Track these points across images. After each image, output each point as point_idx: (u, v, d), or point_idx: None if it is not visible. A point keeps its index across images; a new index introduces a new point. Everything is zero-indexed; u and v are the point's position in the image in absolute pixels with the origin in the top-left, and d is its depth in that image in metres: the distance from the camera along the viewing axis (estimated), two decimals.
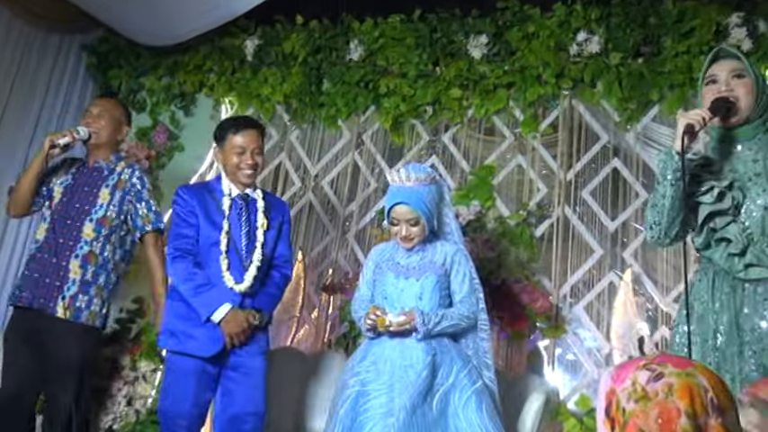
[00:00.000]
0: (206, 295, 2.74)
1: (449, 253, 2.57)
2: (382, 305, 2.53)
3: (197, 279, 2.75)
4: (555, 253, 3.92)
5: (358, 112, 4.59)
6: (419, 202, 2.49)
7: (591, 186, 4.00)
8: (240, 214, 2.85)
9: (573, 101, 4.15)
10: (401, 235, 2.51)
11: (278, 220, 2.93)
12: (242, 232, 2.82)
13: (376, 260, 2.66)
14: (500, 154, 4.24)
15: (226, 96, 4.91)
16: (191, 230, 2.83)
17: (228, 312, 2.71)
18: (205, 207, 2.85)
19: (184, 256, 2.79)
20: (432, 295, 2.49)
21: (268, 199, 2.97)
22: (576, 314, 3.82)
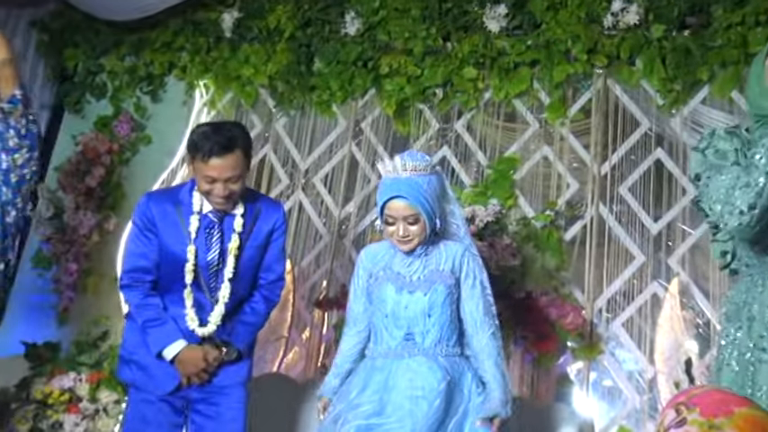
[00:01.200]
0: (157, 330, 2.70)
1: (456, 255, 2.52)
2: (383, 324, 2.50)
3: (147, 312, 2.73)
4: (588, 260, 3.88)
5: (355, 96, 4.55)
6: (418, 196, 2.42)
7: (630, 181, 3.97)
8: (209, 236, 2.75)
9: (608, 81, 4.12)
10: (398, 236, 2.45)
11: (264, 231, 2.82)
12: (208, 259, 2.73)
13: (369, 268, 2.60)
14: (523, 144, 4.21)
15: (200, 79, 4.89)
16: (147, 250, 2.76)
17: (182, 351, 2.70)
18: (167, 223, 2.76)
19: (134, 286, 2.77)
20: (442, 311, 2.45)
21: (257, 207, 2.83)
22: (613, 332, 3.79)
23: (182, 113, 4.91)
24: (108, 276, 4.69)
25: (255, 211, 2.84)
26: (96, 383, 3.99)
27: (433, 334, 2.45)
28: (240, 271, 2.78)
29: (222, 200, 2.72)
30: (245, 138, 2.75)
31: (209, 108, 4.90)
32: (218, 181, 2.66)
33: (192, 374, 2.70)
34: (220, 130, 2.69)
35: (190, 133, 2.80)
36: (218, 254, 2.75)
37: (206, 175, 2.67)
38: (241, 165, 2.69)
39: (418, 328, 2.46)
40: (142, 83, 5.04)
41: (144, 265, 2.77)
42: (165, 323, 2.72)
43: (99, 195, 4.82)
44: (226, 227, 2.77)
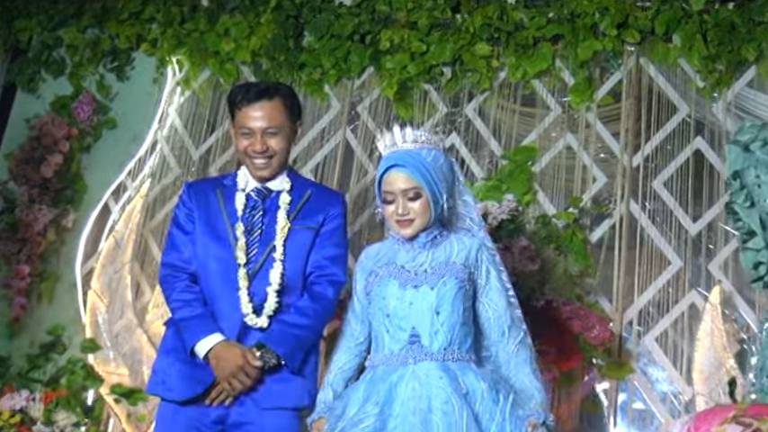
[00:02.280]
0: (192, 321, 2.68)
1: (471, 248, 2.49)
2: (384, 327, 2.48)
3: (183, 303, 2.72)
4: (617, 265, 3.88)
5: (351, 76, 4.54)
6: (419, 166, 2.40)
7: (665, 175, 3.98)
8: (252, 216, 2.77)
9: (641, 60, 4.12)
10: (396, 215, 2.43)
11: (317, 220, 2.80)
12: (248, 241, 2.73)
13: (369, 266, 2.57)
14: (543, 131, 4.21)
15: (173, 54, 4.86)
16: (185, 242, 2.81)
17: (218, 344, 2.63)
18: (207, 210, 2.80)
19: (171, 279, 2.79)
20: (453, 308, 2.40)
21: (307, 189, 2.84)
22: (645, 347, 3.78)
23: (151, 93, 4.88)
24: (66, 280, 4.67)
25: (306, 191, 2.84)
26: (52, 403, 3.97)
27: (442, 335, 2.39)
28: (287, 255, 2.74)
29: (261, 159, 2.74)
30: (291, 93, 2.83)
31: (182, 87, 4.88)
32: (254, 133, 2.72)
33: (230, 377, 2.60)
34: (257, 82, 2.78)
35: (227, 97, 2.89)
36: (259, 235, 2.75)
37: (242, 126, 2.75)
38: (282, 116, 2.75)
39: (425, 329, 2.40)
40: (106, 58, 5.01)
41: (182, 256, 2.80)
42: (201, 316, 2.69)
43: (56, 187, 4.79)
44: (269, 205, 2.80)
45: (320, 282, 2.76)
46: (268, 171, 2.79)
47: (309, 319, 2.70)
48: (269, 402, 2.65)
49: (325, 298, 2.74)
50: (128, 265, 4.54)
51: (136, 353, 4.35)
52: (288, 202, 2.78)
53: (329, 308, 2.76)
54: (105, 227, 4.75)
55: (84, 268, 4.69)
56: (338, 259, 2.80)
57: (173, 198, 4.62)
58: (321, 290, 2.75)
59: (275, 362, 2.63)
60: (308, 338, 2.70)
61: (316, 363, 2.76)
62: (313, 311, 2.71)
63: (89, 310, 4.54)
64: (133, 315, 4.44)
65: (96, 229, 4.76)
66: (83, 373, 4.25)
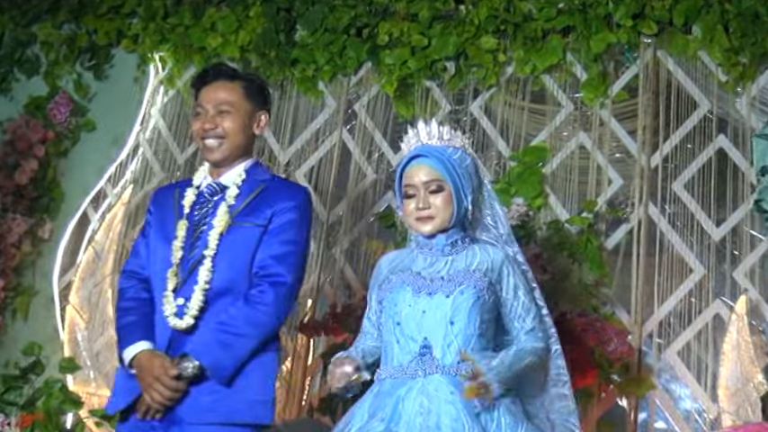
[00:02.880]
0: (127, 329, 2.72)
1: (495, 258, 2.48)
2: (395, 337, 2.48)
3: (125, 311, 2.77)
4: (635, 273, 3.88)
5: (347, 72, 4.55)
6: (444, 160, 2.43)
7: (686, 176, 3.98)
8: (200, 213, 2.78)
9: (658, 53, 4.12)
10: (416, 208, 2.44)
11: (265, 210, 2.76)
12: (191, 240, 2.74)
13: (384, 274, 2.57)
14: (554, 130, 4.21)
15: (155, 51, 4.88)
16: (143, 246, 2.87)
17: (140, 354, 2.64)
18: (162, 212, 2.85)
19: (128, 282, 2.84)
20: (468, 319, 2.38)
21: (263, 182, 2.82)
22: (667, 362, 3.78)
23: (132, 93, 4.90)
24: (43, 295, 4.68)
25: (259, 185, 2.81)
26: (29, 428, 3.97)
27: (455, 347, 2.37)
28: (225, 253, 2.71)
29: (211, 139, 2.76)
30: (257, 82, 2.90)
31: (166, 86, 4.90)
32: (206, 111, 2.77)
33: (148, 388, 2.59)
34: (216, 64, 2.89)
35: None
36: (202, 233, 2.74)
37: (197, 106, 2.81)
38: (238, 97, 2.79)
39: (437, 340, 2.39)
40: (83, 56, 5.03)
41: (140, 261, 2.84)
42: (133, 324, 2.72)
43: (31, 195, 4.80)
44: (217, 202, 2.78)
45: (260, 283, 2.69)
46: (219, 153, 2.78)
47: (241, 325, 2.64)
48: (195, 417, 2.61)
49: (261, 301, 2.66)
50: (109, 277, 4.56)
51: None
52: (234, 195, 2.76)
53: (270, 312, 2.67)
54: (84, 237, 4.77)
55: (62, 282, 4.70)
56: (285, 258, 2.72)
57: None
58: (258, 293, 2.68)
59: (196, 372, 2.59)
60: (239, 347, 2.63)
61: (265, 375, 2.70)
62: (245, 317, 2.65)
63: (67, 326, 4.55)
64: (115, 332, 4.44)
65: (75, 240, 4.77)
66: (61, 395, 4.24)
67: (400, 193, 2.51)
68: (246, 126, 2.80)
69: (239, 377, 2.64)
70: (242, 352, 2.64)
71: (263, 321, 2.67)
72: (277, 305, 2.68)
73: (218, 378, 2.60)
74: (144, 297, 2.78)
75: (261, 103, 2.85)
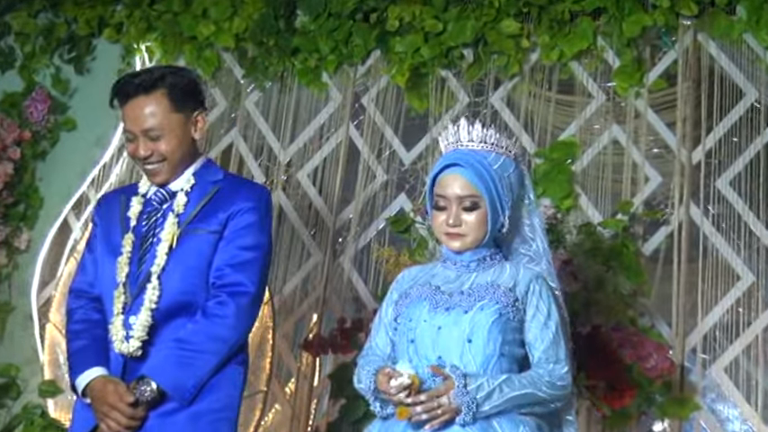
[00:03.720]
0: (79, 354, 2.75)
1: (524, 276, 2.46)
2: (407, 356, 2.44)
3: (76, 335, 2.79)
4: (676, 281, 3.88)
5: (353, 62, 4.56)
6: (482, 172, 2.39)
7: (732, 172, 3.97)
8: (148, 224, 2.79)
9: (699, 36, 4.12)
10: (446, 223, 2.43)
11: (219, 215, 2.78)
12: (139, 254, 2.76)
13: (403, 289, 2.56)
14: (584, 123, 4.21)
15: (141, 41, 4.90)
16: (90, 262, 2.89)
17: (94, 381, 2.68)
18: (108, 223, 2.87)
19: (77, 302, 2.87)
20: (488, 337, 2.37)
21: (216, 185, 2.84)
22: (713, 379, 3.77)
23: None
24: (20, 312, 4.69)
25: (212, 188, 2.83)
26: None
27: (473, 369, 2.37)
28: (176, 267, 2.73)
29: (148, 165, 2.76)
30: (179, 78, 2.79)
31: None
32: (137, 137, 2.73)
33: (103, 416, 2.62)
34: (146, 69, 2.82)
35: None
36: (149, 244, 2.76)
37: (125, 129, 2.78)
38: (165, 112, 2.72)
39: (453, 359, 2.38)
40: (62, 47, 5.05)
41: (87, 278, 2.86)
42: (84, 348, 2.75)
43: (6, 201, 4.82)
44: (166, 210, 2.79)
45: (218, 294, 2.72)
46: (162, 176, 2.79)
47: (202, 340, 2.67)
48: None
49: (221, 314, 2.69)
50: None
51: None
52: (183, 203, 2.78)
53: (230, 325, 2.70)
54: (66, 247, 4.78)
55: (42, 297, 4.71)
56: (245, 265, 2.74)
57: None
58: (217, 304, 2.70)
59: (155, 395, 2.62)
60: (200, 365, 2.67)
61: (229, 391, 2.74)
62: (204, 332, 2.67)
63: (48, 346, 4.55)
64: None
65: (55, 250, 4.79)
66: (42, 421, 4.26)
67: (431, 200, 2.49)
68: (184, 139, 2.78)
69: (201, 394, 2.67)
70: (203, 370, 2.68)
71: (225, 335, 2.70)
72: (239, 317, 2.71)
73: (178, 399, 2.64)
74: (95, 318, 2.81)
75: (192, 105, 2.80)
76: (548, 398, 2.40)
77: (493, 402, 2.32)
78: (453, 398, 2.28)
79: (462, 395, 2.28)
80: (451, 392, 2.28)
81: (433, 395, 2.29)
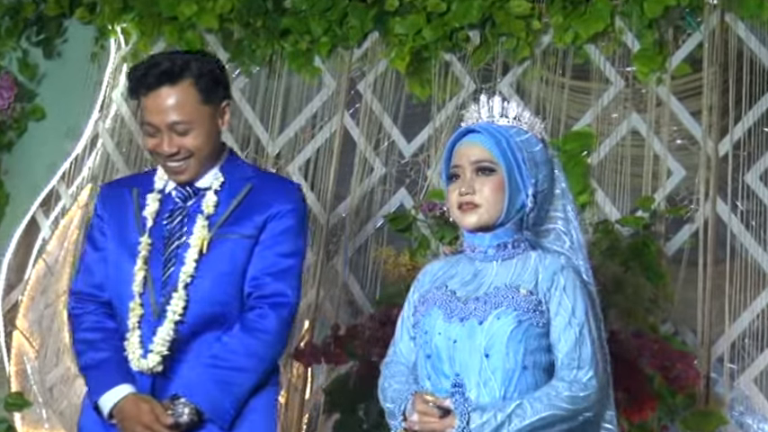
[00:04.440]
0: (98, 370, 2.69)
1: (548, 269, 2.40)
2: (425, 372, 2.42)
3: (89, 346, 2.74)
4: (701, 284, 3.89)
5: (349, 45, 4.57)
6: (500, 139, 2.38)
7: (762, 165, 3.98)
8: (169, 223, 2.75)
9: (726, 17, 4.12)
10: (459, 192, 2.39)
11: (255, 217, 2.75)
12: (163, 257, 2.72)
13: (424, 287, 2.55)
14: (601, 112, 4.22)
15: (117, 22, 4.90)
16: (96, 262, 2.83)
17: (123, 400, 2.64)
18: (120, 219, 2.81)
19: (83, 306, 2.81)
20: (508, 350, 2.33)
21: (248, 182, 2.80)
22: (741, 391, 3.79)
23: (89, 74, 4.93)
24: None
25: (244, 187, 2.79)
26: None
27: (494, 386, 2.35)
28: (207, 275, 2.70)
29: (173, 162, 2.70)
30: (205, 65, 2.73)
31: (130, 65, 4.87)
32: (159, 130, 2.66)
33: None
34: (167, 55, 2.73)
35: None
36: (177, 249, 2.73)
37: (144, 122, 2.71)
38: (194, 103, 2.67)
39: (472, 376, 2.36)
40: (29, 29, 5.05)
41: (93, 280, 2.81)
42: (106, 362, 2.70)
43: None
44: (193, 209, 2.75)
45: (259, 306, 2.70)
46: (188, 174, 2.74)
47: (240, 357, 2.66)
48: None
49: (262, 328, 2.68)
50: (64, 296, 4.55)
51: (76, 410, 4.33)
52: (213, 204, 2.73)
53: (272, 340, 2.70)
54: (33, 247, 4.78)
55: (7, 302, 4.71)
56: (286, 273, 2.73)
57: None
58: (257, 317, 2.69)
59: (194, 417, 2.60)
60: (239, 383, 2.66)
61: (267, 416, 2.73)
62: (244, 348, 2.66)
63: (14, 355, 4.56)
64: (72, 362, 4.44)
65: (22, 252, 4.79)
66: None
67: (447, 177, 2.47)
68: (212, 132, 2.73)
69: (240, 420, 2.66)
70: (242, 389, 2.66)
71: (265, 352, 2.69)
72: (280, 331, 2.70)
73: (218, 422, 2.62)
74: (110, 326, 2.77)
75: (221, 95, 2.76)
76: (571, 414, 2.35)
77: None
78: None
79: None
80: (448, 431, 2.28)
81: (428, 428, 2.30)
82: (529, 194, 2.41)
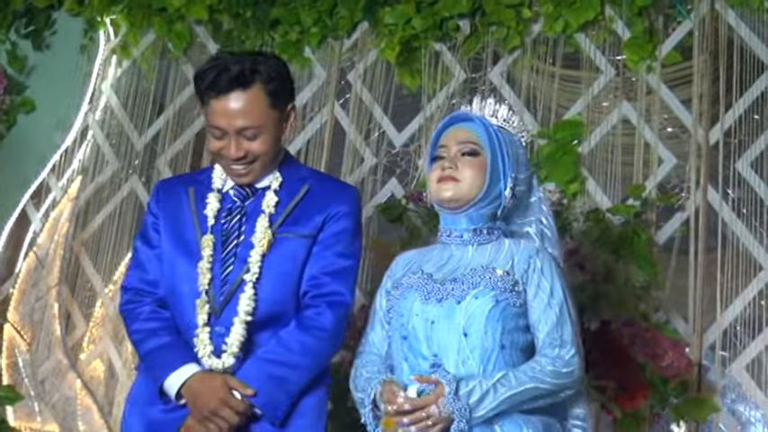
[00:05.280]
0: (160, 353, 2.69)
1: (522, 254, 2.48)
2: (402, 354, 2.47)
3: (148, 334, 2.73)
4: (693, 272, 3.89)
5: (339, 35, 4.57)
6: (488, 127, 2.48)
7: (753, 153, 3.98)
8: (228, 222, 2.77)
9: (717, 4, 4.12)
10: (441, 168, 2.47)
11: (315, 217, 2.77)
12: (222, 256, 2.73)
13: (396, 275, 2.60)
14: (592, 101, 4.22)
15: (106, 14, 4.89)
16: (150, 259, 2.84)
17: (193, 377, 2.64)
18: (176, 217, 2.82)
19: (138, 300, 2.82)
20: (486, 329, 2.38)
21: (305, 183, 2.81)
22: (733, 379, 3.79)
23: (79, 66, 4.93)
24: None
25: (302, 187, 2.79)
26: None
27: (472, 365, 2.39)
28: (268, 274, 2.71)
29: (238, 165, 2.71)
30: (275, 69, 2.71)
31: (119, 56, 4.91)
32: (227, 134, 2.66)
33: (211, 416, 2.59)
34: (235, 57, 2.71)
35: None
36: (236, 248, 2.74)
37: (211, 125, 2.70)
38: (264, 108, 2.67)
39: (450, 356, 2.40)
40: (18, 21, 5.04)
41: (147, 277, 2.82)
42: (171, 345, 2.70)
43: None
44: (251, 208, 2.76)
45: (316, 304, 2.70)
46: (250, 177, 2.75)
47: (295, 354, 2.65)
48: None
49: (319, 326, 2.68)
50: (55, 289, 4.55)
51: (68, 403, 4.36)
52: (274, 204, 2.74)
53: (328, 339, 2.69)
54: (24, 240, 4.78)
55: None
56: (343, 274, 2.74)
57: (112, 200, 4.62)
58: (315, 315, 2.69)
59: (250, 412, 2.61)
60: (294, 380, 2.66)
61: (318, 415, 2.73)
62: (300, 345, 2.66)
63: (6, 349, 4.55)
64: (63, 355, 4.44)
65: (12, 244, 4.78)
66: None
67: (432, 153, 2.54)
68: (278, 136, 2.74)
69: (294, 417, 2.66)
70: (297, 387, 2.66)
71: (320, 349, 2.69)
72: (336, 330, 2.70)
73: (271, 418, 2.62)
74: (166, 316, 2.77)
75: (287, 99, 2.75)
76: (554, 389, 2.40)
77: (488, 406, 2.32)
78: (443, 406, 2.29)
79: (453, 402, 2.29)
80: (440, 400, 2.29)
81: (421, 405, 2.31)
82: (508, 186, 2.49)
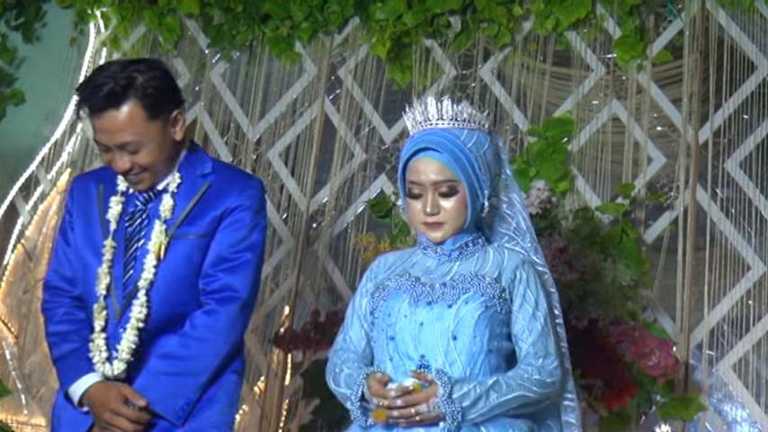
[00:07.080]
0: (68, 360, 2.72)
1: (509, 262, 2.49)
2: (387, 354, 2.46)
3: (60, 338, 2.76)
4: (681, 272, 3.89)
5: (329, 30, 4.55)
6: (458, 154, 2.40)
7: (742, 153, 3.97)
8: (131, 226, 2.75)
9: (707, 4, 4.12)
10: (424, 212, 2.44)
11: (210, 216, 2.75)
12: (124, 259, 2.72)
13: (378, 279, 2.57)
14: (582, 99, 4.21)
15: (96, 6, 4.87)
16: (67, 255, 2.84)
17: (92, 387, 2.67)
18: (86, 215, 2.82)
19: (55, 300, 2.83)
20: (475, 333, 2.40)
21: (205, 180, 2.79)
22: (720, 378, 3.79)
23: (69, 58, 4.91)
24: None
25: (201, 185, 2.78)
26: None
27: (459, 368, 2.40)
28: (164, 278, 2.70)
29: (132, 177, 2.70)
30: (152, 81, 2.65)
31: (110, 49, 4.90)
32: (111, 150, 2.64)
33: (107, 424, 2.61)
34: (111, 71, 2.63)
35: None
36: (135, 250, 2.72)
37: (95, 139, 2.69)
38: (142, 123, 2.62)
39: (438, 358, 2.40)
40: (8, 13, 5.01)
41: (65, 274, 2.82)
42: (76, 352, 2.71)
43: None
44: (153, 211, 2.74)
45: (206, 302, 2.71)
46: (146, 184, 2.73)
47: (185, 360, 2.67)
48: None
49: (206, 325, 2.69)
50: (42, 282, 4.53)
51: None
52: (170, 207, 2.73)
53: (216, 338, 2.69)
54: (12, 233, 4.77)
55: None
56: (238, 268, 2.73)
57: None
58: (202, 314, 2.70)
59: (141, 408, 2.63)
60: (190, 384, 2.68)
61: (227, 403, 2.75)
62: (193, 347, 2.68)
63: None
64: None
65: (1, 237, 4.76)
66: None
67: (403, 188, 2.49)
68: (164, 145, 2.69)
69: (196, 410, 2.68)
70: (194, 389, 2.68)
71: (210, 350, 2.70)
72: (228, 327, 2.70)
73: (173, 420, 2.65)
74: (80, 317, 2.78)
75: (170, 107, 2.69)
76: (539, 397, 2.43)
77: (479, 410, 2.34)
78: (434, 406, 2.29)
79: (447, 404, 2.29)
80: (432, 400, 2.29)
81: (412, 402, 2.30)
82: (486, 195, 2.48)
